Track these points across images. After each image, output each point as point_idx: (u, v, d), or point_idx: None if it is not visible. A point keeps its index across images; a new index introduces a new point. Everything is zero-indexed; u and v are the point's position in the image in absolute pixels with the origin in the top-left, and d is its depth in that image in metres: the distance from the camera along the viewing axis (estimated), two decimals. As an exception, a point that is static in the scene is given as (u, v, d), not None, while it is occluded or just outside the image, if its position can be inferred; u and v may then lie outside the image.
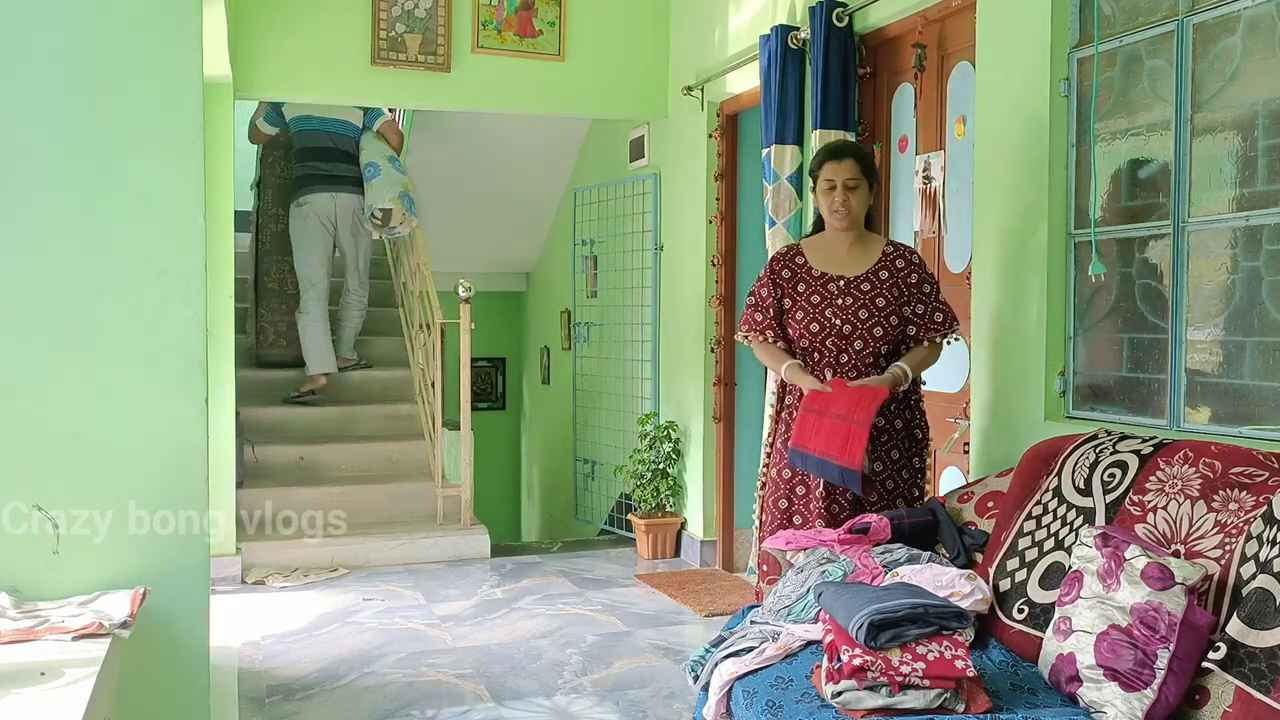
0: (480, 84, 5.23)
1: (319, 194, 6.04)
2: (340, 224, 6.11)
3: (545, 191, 7.69)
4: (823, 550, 2.71)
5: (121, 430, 2.53)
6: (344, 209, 6.11)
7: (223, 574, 4.75)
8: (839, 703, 2.05)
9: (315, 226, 6.04)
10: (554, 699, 3.43)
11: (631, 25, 5.45)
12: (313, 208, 6.04)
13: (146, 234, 2.54)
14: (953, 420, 3.51)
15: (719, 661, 2.47)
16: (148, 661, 2.55)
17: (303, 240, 6.06)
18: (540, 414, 8.30)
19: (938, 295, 3.14)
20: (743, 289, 5.12)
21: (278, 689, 3.54)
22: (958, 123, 3.60)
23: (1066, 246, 3.02)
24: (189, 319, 2.58)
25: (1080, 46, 2.97)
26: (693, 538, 5.27)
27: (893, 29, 3.91)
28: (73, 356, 2.50)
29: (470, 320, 5.56)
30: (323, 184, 6.07)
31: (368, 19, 5.04)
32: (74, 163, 2.49)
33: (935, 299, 3.13)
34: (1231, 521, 2.06)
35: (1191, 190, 2.66)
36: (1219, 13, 2.59)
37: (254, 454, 5.60)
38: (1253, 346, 2.53)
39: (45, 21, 2.46)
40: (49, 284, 2.48)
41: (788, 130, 4.15)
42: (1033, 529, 2.46)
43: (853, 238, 3.15)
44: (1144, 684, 1.89)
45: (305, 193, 6.05)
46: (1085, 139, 2.95)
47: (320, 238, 6.06)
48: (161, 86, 2.55)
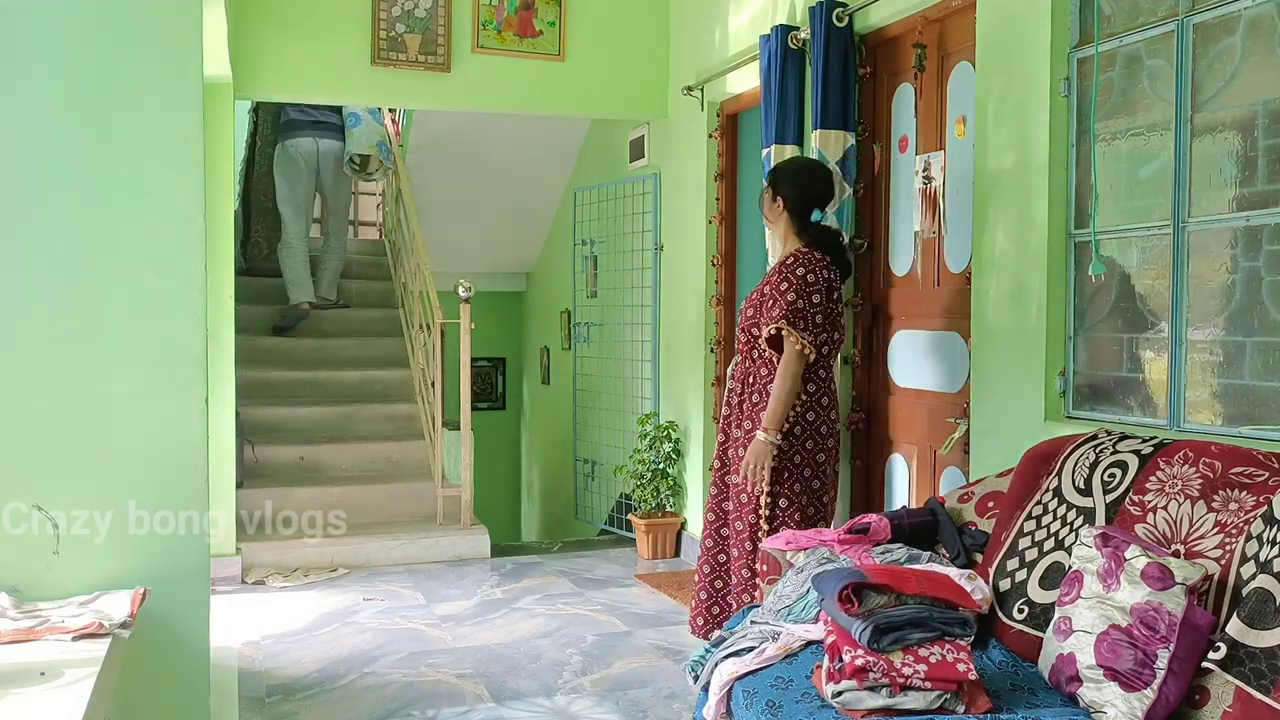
0: (480, 84, 5.24)
1: (304, 138, 6.54)
2: (322, 167, 6.64)
3: (545, 191, 7.68)
4: (823, 550, 2.71)
5: (121, 430, 2.53)
6: (326, 153, 6.63)
7: (223, 574, 4.75)
8: (839, 703, 2.05)
9: (299, 168, 6.55)
10: (554, 699, 3.43)
11: (631, 25, 5.45)
12: (297, 150, 6.54)
13: (146, 234, 2.54)
14: (953, 420, 3.51)
15: (719, 661, 2.47)
16: (148, 661, 2.55)
17: (286, 179, 6.57)
18: (540, 414, 8.30)
19: (786, 296, 3.28)
20: (743, 289, 5.12)
21: (278, 689, 3.54)
22: (958, 123, 3.60)
23: (1066, 246, 3.02)
24: (189, 319, 2.58)
25: (1080, 46, 2.97)
26: (693, 538, 5.27)
27: (893, 29, 3.91)
28: (73, 356, 2.49)
29: (470, 320, 5.56)
30: (308, 129, 6.56)
31: (368, 19, 5.04)
32: (74, 163, 2.49)
33: (782, 299, 3.28)
34: (1231, 521, 2.06)
35: (1191, 190, 2.66)
36: (1219, 13, 2.59)
37: (254, 454, 5.60)
38: (1253, 346, 2.53)
39: (45, 22, 2.46)
40: (49, 284, 2.48)
41: (788, 130, 4.15)
42: (1033, 529, 2.46)
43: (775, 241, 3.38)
44: (1144, 684, 1.89)
45: (291, 136, 6.55)
46: (1085, 139, 2.95)
47: (303, 178, 6.58)
48: (161, 86, 2.55)
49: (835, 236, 3.51)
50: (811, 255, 3.37)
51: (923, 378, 3.84)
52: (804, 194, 3.43)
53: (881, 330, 4.09)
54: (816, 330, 3.29)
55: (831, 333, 3.37)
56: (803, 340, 3.26)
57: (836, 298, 3.38)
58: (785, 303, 3.28)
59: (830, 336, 3.37)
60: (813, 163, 3.70)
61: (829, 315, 3.35)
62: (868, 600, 2.12)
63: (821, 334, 3.31)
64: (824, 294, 3.32)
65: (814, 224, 3.43)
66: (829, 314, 3.35)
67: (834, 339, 3.39)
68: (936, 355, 3.75)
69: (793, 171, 3.51)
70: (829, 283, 3.35)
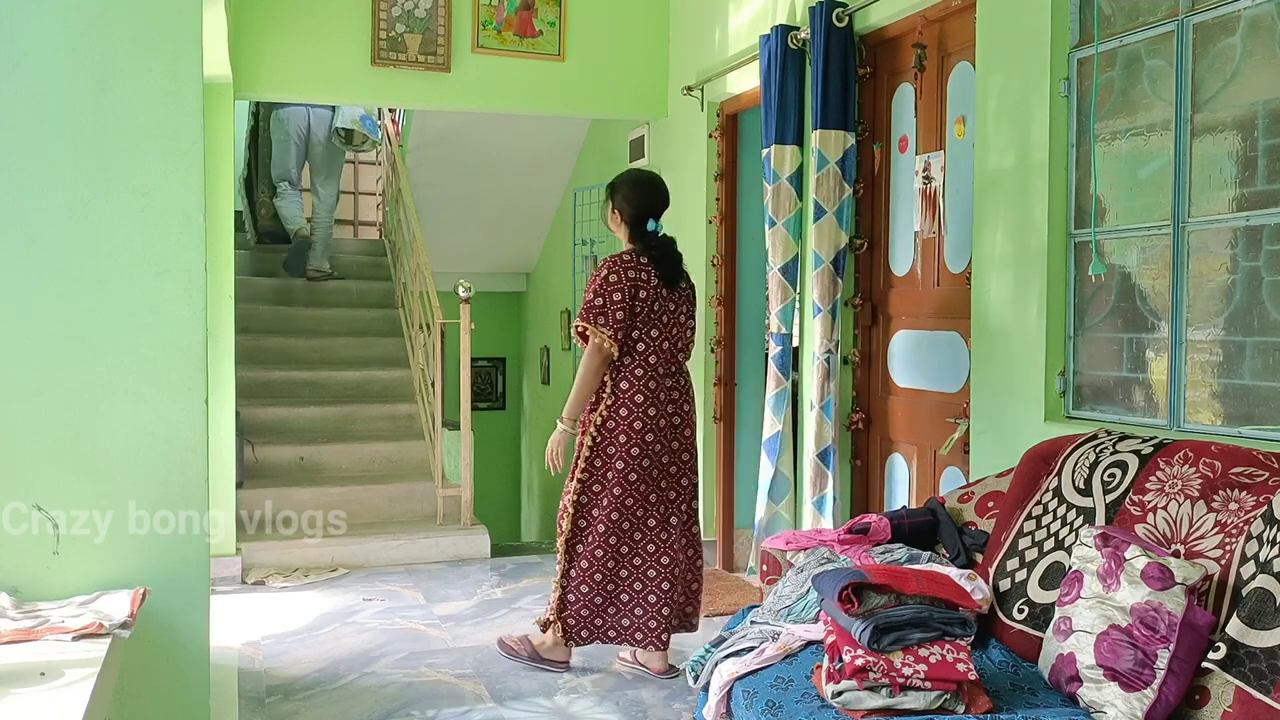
0: (480, 84, 5.23)
1: (296, 108, 6.96)
2: (313, 137, 7.05)
3: (545, 191, 7.68)
4: (823, 550, 2.71)
5: (121, 430, 2.53)
6: (318, 123, 7.04)
7: (223, 574, 4.75)
8: (839, 703, 2.05)
9: (290, 136, 7.02)
10: (554, 699, 3.43)
11: (631, 25, 5.45)
12: (291, 121, 6.98)
13: (146, 234, 2.54)
14: (953, 420, 3.51)
15: (719, 661, 2.47)
16: (148, 661, 2.55)
17: (278, 146, 7.08)
18: (540, 414, 8.30)
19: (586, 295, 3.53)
20: (743, 289, 5.12)
21: (278, 689, 3.54)
22: (958, 123, 3.60)
23: (1066, 246, 3.02)
24: (189, 319, 2.58)
25: (1080, 46, 2.97)
26: (693, 538, 5.27)
27: (893, 29, 3.91)
28: (73, 356, 2.49)
29: (470, 320, 5.56)
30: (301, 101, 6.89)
31: (368, 19, 5.04)
32: (74, 163, 2.49)
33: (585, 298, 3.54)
34: (1231, 521, 2.06)
35: (1191, 190, 2.66)
36: (1219, 13, 2.59)
37: (254, 454, 5.60)
38: (1253, 346, 2.53)
39: (46, 22, 2.46)
40: (49, 283, 2.48)
41: (788, 130, 4.15)
42: (1033, 529, 2.46)
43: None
44: (1144, 684, 1.89)
45: (285, 106, 6.95)
46: (1085, 139, 2.95)
47: (294, 147, 7.04)
48: (161, 86, 2.55)
49: (667, 244, 3.65)
50: (620, 259, 3.55)
51: (923, 378, 3.84)
52: (637, 207, 3.63)
53: (881, 330, 4.09)
54: (616, 326, 3.46)
55: (646, 330, 3.52)
56: (600, 334, 3.46)
57: (650, 297, 3.52)
58: (585, 301, 3.53)
59: (646, 334, 3.52)
60: (647, 177, 3.85)
61: (638, 314, 3.50)
62: (868, 600, 2.12)
63: (622, 330, 3.47)
64: (627, 292, 3.47)
65: (649, 233, 3.61)
66: (638, 312, 3.50)
67: (651, 336, 3.53)
68: (936, 355, 3.75)
69: (627, 186, 3.70)
70: (635, 283, 3.49)
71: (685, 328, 3.62)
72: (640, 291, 3.49)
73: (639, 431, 3.51)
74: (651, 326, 3.52)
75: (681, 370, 3.63)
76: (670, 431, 3.57)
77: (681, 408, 3.60)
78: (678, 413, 3.59)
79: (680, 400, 3.60)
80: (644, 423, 3.51)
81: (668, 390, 3.56)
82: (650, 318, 3.52)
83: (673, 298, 3.57)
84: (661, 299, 3.53)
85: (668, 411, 3.55)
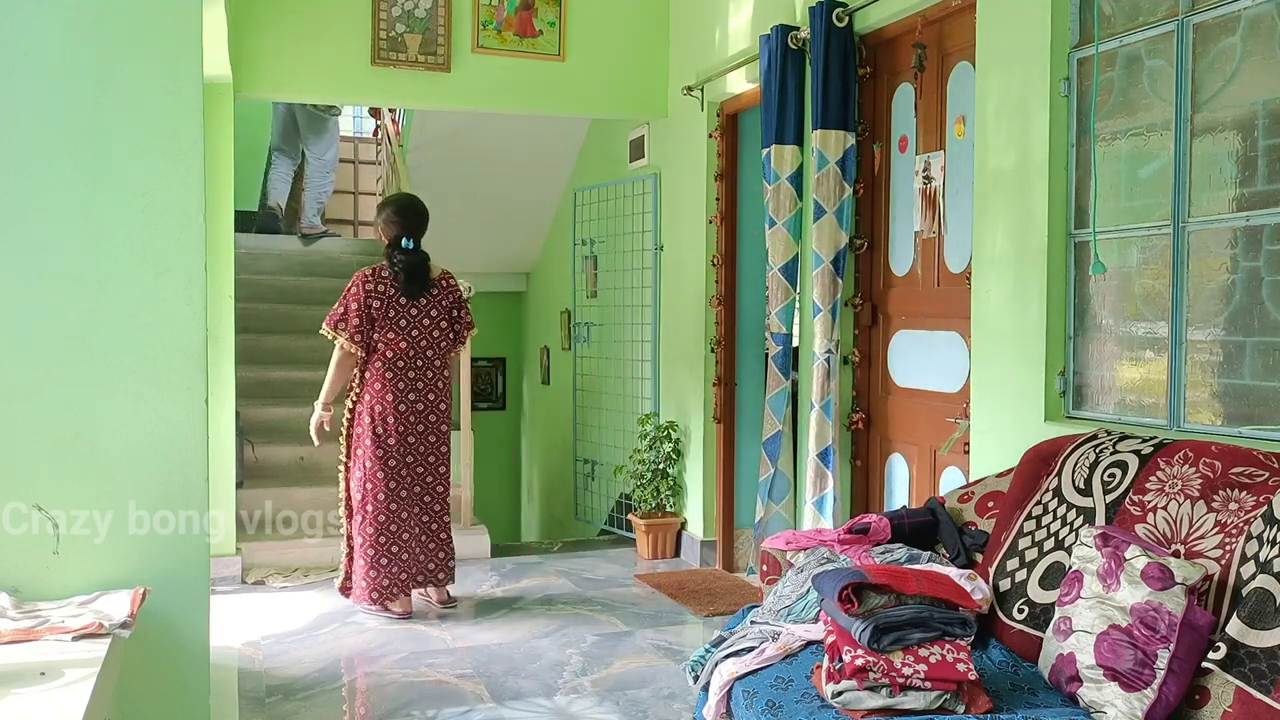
0: (480, 84, 5.24)
1: None
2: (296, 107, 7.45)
3: (545, 191, 7.68)
4: (823, 550, 2.71)
5: (121, 430, 2.52)
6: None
7: (223, 574, 4.75)
8: (839, 703, 2.05)
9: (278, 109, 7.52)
10: (554, 699, 3.43)
11: (631, 25, 5.45)
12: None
13: (146, 234, 2.54)
14: (953, 420, 3.51)
15: (719, 661, 2.47)
16: (148, 661, 2.55)
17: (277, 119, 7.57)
18: (540, 414, 8.30)
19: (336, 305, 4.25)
20: (743, 289, 5.12)
21: (278, 689, 3.54)
22: (958, 123, 3.60)
23: (1066, 246, 3.02)
24: (189, 319, 2.58)
25: (1080, 46, 2.97)
26: (693, 538, 5.27)
27: (893, 29, 3.91)
28: (72, 356, 2.49)
29: (470, 320, 5.55)
30: None
31: (368, 19, 5.04)
32: (74, 163, 2.49)
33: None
34: (1231, 521, 2.06)
35: (1191, 190, 2.66)
36: (1219, 13, 2.59)
37: (254, 454, 5.60)
38: (1253, 346, 2.53)
39: (45, 21, 2.46)
40: (49, 283, 2.48)
41: (788, 130, 4.15)
42: (1033, 529, 2.46)
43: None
44: (1144, 684, 1.89)
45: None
46: (1085, 139, 2.95)
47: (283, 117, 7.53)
48: (161, 86, 2.55)
49: (413, 261, 4.28)
50: (363, 273, 4.25)
51: (923, 378, 3.84)
52: (397, 228, 4.31)
53: (881, 330, 4.09)
54: (353, 330, 4.17)
55: (384, 332, 4.20)
56: (339, 336, 4.19)
57: (385, 306, 4.19)
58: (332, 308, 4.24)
59: (384, 335, 4.20)
60: (407, 202, 4.48)
61: (374, 319, 4.19)
62: (868, 600, 2.12)
63: (359, 334, 4.17)
64: (363, 301, 4.18)
65: (402, 249, 4.27)
66: (374, 319, 4.18)
67: (389, 338, 4.20)
68: (936, 355, 3.75)
69: (391, 209, 4.40)
70: (370, 294, 4.19)
71: (430, 330, 4.28)
72: (374, 301, 4.18)
73: (379, 414, 4.20)
74: (388, 330, 4.20)
75: (429, 365, 4.28)
76: (413, 415, 4.24)
77: (426, 396, 4.27)
78: (420, 400, 4.26)
79: (425, 390, 4.27)
80: (383, 406, 4.20)
81: (409, 380, 4.24)
82: (386, 322, 4.20)
83: (415, 304, 4.25)
84: (399, 307, 4.22)
85: (409, 399, 4.24)
